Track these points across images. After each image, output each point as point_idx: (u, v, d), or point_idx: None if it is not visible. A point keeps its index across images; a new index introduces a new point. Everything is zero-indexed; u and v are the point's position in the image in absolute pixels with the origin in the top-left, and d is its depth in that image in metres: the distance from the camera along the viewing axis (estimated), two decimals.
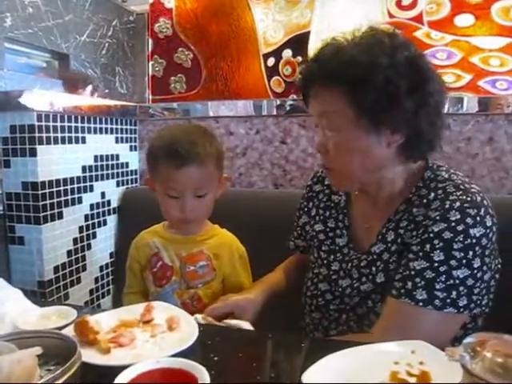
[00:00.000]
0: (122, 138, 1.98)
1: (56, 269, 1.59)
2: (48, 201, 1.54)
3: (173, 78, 2.12)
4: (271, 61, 1.98)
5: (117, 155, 1.94)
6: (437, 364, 0.71)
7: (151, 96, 2.16)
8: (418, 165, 1.07)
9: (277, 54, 1.97)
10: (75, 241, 1.70)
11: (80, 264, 1.73)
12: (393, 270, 1.00)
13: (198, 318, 1.02)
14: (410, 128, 0.96)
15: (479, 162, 1.69)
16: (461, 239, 0.90)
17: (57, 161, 1.57)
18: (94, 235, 1.81)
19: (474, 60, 1.71)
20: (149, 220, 1.35)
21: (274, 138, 1.92)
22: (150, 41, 2.16)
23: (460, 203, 0.92)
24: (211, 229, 1.33)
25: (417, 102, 0.94)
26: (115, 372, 0.65)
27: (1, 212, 1.54)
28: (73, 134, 1.65)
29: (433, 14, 1.75)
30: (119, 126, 1.95)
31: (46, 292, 1.54)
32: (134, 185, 2.07)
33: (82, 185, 1.72)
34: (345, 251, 1.13)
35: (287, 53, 1.95)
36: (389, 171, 1.03)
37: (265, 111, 1.92)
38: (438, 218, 0.93)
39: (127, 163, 2.02)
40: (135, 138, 2.07)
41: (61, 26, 1.98)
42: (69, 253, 1.66)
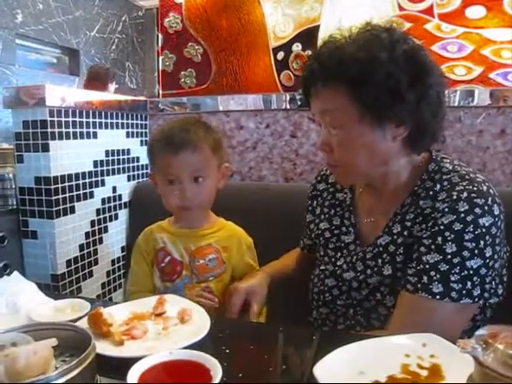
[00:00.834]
0: (133, 133, 1.99)
1: (69, 262, 1.61)
2: (60, 195, 1.55)
3: (183, 73, 2.13)
4: (281, 55, 1.98)
5: (128, 150, 1.95)
6: (448, 357, 0.71)
7: (161, 91, 2.17)
8: (422, 157, 1.07)
9: (286, 48, 1.96)
10: (87, 235, 1.72)
11: (92, 258, 1.75)
12: (400, 263, 1.01)
13: None
14: (414, 120, 0.96)
15: (491, 155, 1.68)
16: (471, 229, 0.90)
17: (69, 156, 1.59)
18: (106, 229, 1.83)
19: (486, 52, 1.69)
20: (159, 214, 1.36)
21: (284, 132, 1.92)
22: (160, 36, 2.17)
23: (467, 193, 0.93)
24: (217, 222, 1.34)
25: (418, 95, 0.94)
26: (129, 364, 0.66)
27: (14, 206, 1.57)
28: (84, 129, 1.67)
29: (443, 7, 1.74)
30: (130, 121, 1.96)
31: (60, 285, 1.56)
32: (145, 179, 2.08)
33: (94, 179, 1.74)
34: (351, 248, 1.13)
35: (297, 47, 1.95)
36: (394, 165, 1.03)
37: (274, 105, 1.92)
38: (447, 210, 0.93)
39: (138, 158, 2.03)
40: (146, 133, 2.08)
41: (71, 22, 1.99)
42: (81, 247, 1.68)
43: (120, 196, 1.92)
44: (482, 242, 0.91)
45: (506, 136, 1.66)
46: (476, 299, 0.91)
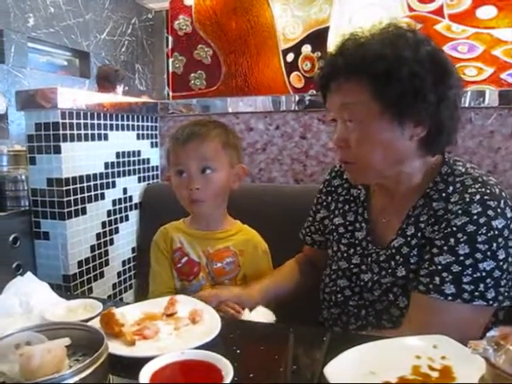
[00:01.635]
0: (144, 135, 2.00)
1: (80, 263, 1.62)
2: (72, 197, 1.57)
3: (193, 75, 2.14)
4: (290, 56, 1.98)
5: (138, 151, 1.97)
6: (459, 358, 0.71)
7: (171, 93, 2.18)
8: (435, 159, 1.07)
9: (296, 50, 1.97)
10: (98, 236, 1.73)
11: (103, 259, 1.76)
12: (414, 264, 1.01)
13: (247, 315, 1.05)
14: (432, 121, 0.97)
15: (502, 156, 1.67)
16: (484, 231, 0.90)
17: (80, 157, 1.60)
18: (117, 230, 1.84)
19: (497, 53, 1.69)
20: (170, 215, 1.37)
21: (294, 134, 1.92)
22: (170, 38, 2.18)
23: (480, 196, 0.93)
24: (235, 224, 1.34)
25: (439, 96, 0.95)
26: (140, 363, 0.67)
27: (27, 208, 1.59)
28: (96, 131, 1.68)
29: (454, 7, 1.74)
30: (140, 123, 1.97)
31: (71, 286, 1.57)
32: (155, 181, 2.10)
33: (105, 181, 1.75)
34: (364, 245, 1.13)
35: (306, 48, 1.96)
36: (408, 165, 1.04)
37: (283, 106, 1.92)
38: (460, 212, 0.93)
39: (148, 159, 2.04)
40: (156, 135, 2.09)
41: (81, 25, 2.01)
42: (92, 248, 1.69)
43: (131, 197, 1.93)
44: (495, 245, 0.91)
45: None
46: (490, 302, 0.91)
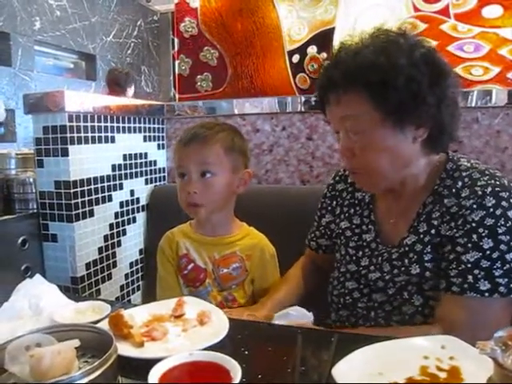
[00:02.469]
0: (150, 137, 2.01)
1: (88, 265, 1.63)
2: (79, 199, 1.58)
3: (199, 77, 2.15)
4: (296, 57, 1.98)
5: (145, 153, 1.97)
6: (467, 359, 0.71)
7: (178, 95, 2.19)
8: (439, 157, 1.08)
9: (302, 51, 1.97)
10: (106, 238, 1.74)
11: (111, 261, 1.77)
12: (428, 262, 1.01)
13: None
14: (434, 121, 0.98)
15: (509, 156, 1.66)
16: (502, 223, 0.92)
17: (88, 160, 1.61)
18: (124, 232, 1.85)
19: (503, 52, 1.68)
20: (177, 217, 1.37)
21: (300, 135, 1.92)
22: (176, 40, 2.19)
23: (491, 188, 0.95)
24: (241, 228, 1.34)
25: (438, 96, 0.96)
26: (149, 365, 0.67)
27: (35, 210, 1.60)
28: (103, 134, 1.69)
29: (459, 6, 1.73)
30: (147, 125, 1.98)
31: (79, 288, 1.58)
32: (162, 182, 2.11)
33: (112, 183, 1.76)
34: (373, 246, 1.13)
35: (312, 49, 1.96)
36: (414, 167, 1.04)
37: (289, 108, 1.92)
38: (475, 207, 0.95)
39: (155, 161, 2.05)
40: (163, 137, 2.10)
41: (87, 28, 2.03)
42: (100, 249, 1.70)
43: (138, 199, 1.94)
44: None
45: None
46: None
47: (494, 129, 1.68)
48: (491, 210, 0.93)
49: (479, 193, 0.95)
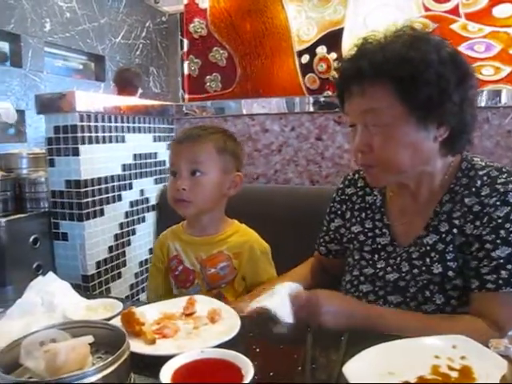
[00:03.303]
0: (160, 137, 2.02)
1: (98, 264, 1.64)
2: (90, 198, 1.59)
3: (208, 77, 2.16)
4: (305, 58, 1.99)
5: (155, 153, 1.98)
6: (479, 359, 0.70)
7: (187, 95, 2.20)
8: (454, 158, 1.08)
9: (311, 51, 1.97)
10: (116, 237, 1.75)
11: (120, 259, 1.78)
12: (451, 261, 1.01)
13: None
14: (456, 121, 0.99)
15: None
16: None
17: (98, 160, 1.62)
18: (134, 232, 1.86)
19: None
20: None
21: (310, 135, 1.92)
22: (186, 41, 2.20)
23: None
24: (231, 226, 1.33)
25: (461, 96, 0.96)
26: (160, 362, 0.68)
27: (46, 209, 1.61)
28: (113, 134, 1.70)
29: (470, 6, 1.73)
30: (157, 125, 1.99)
31: (90, 286, 1.60)
32: None
33: (122, 183, 1.77)
34: (389, 249, 1.12)
35: (321, 49, 1.96)
36: (430, 166, 1.04)
37: (298, 108, 1.92)
38: (498, 204, 0.96)
39: (164, 161, 2.06)
40: (172, 137, 2.11)
41: (96, 29, 2.04)
42: (110, 248, 1.71)
43: (147, 199, 1.95)
44: None
45: None
46: None
47: (505, 129, 1.67)
48: None
49: (501, 190, 0.96)
